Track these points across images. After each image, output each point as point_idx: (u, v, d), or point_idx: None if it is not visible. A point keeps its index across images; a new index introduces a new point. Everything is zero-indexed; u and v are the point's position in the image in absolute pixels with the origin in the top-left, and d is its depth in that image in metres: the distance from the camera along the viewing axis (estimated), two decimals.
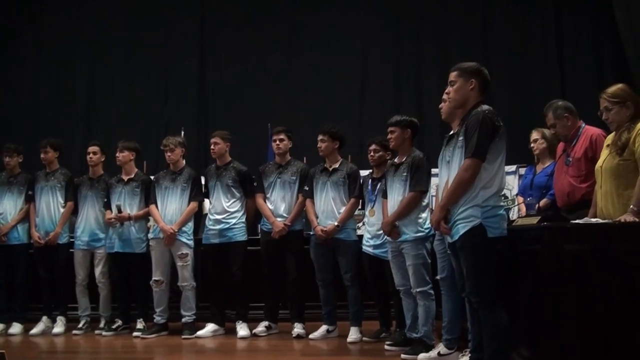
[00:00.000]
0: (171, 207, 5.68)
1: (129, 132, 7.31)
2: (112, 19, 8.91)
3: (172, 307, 5.77)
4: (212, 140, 5.75)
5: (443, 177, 3.66)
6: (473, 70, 3.57)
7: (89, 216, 5.96)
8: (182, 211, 5.66)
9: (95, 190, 6.00)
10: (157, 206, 5.73)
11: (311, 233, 5.48)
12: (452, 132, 3.72)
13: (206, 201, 5.94)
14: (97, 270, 5.89)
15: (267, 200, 5.64)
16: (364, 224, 5.39)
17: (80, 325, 5.86)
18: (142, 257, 5.76)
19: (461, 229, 3.37)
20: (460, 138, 3.47)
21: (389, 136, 4.74)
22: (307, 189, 5.50)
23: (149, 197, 5.80)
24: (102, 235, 5.91)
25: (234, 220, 5.62)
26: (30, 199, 6.11)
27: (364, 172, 5.57)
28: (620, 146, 3.61)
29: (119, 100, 8.83)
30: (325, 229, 5.27)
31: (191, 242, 5.69)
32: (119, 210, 5.73)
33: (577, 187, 4.22)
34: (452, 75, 3.60)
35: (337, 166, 5.44)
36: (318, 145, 5.42)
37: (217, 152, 5.73)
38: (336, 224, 5.25)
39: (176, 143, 5.79)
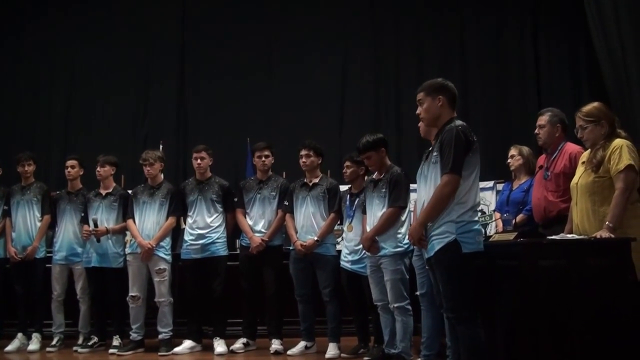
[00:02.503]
0: (149, 221, 5.64)
1: (107, 145, 7.23)
2: (91, 32, 8.82)
3: (148, 323, 5.69)
4: (198, 154, 5.70)
5: (421, 193, 3.67)
6: (438, 87, 3.58)
7: (68, 231, 5.90)
8: (160, 226, 5.62)
9: (74, 204, 5.93)
10: (134, 221, 5.67)
11: (290, 248, 5.46)
12: (430, 148, 3.74)
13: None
14: (78, 286, 5.82)
15: (246, 216, 5.63)
16: (342, 239, 5.38)
17: (53, 343, 5.76)
18: (119, 272, 5.69)
19: (436, 245, 3.36)
20: (435, 154, 3.48)
21: (367, 162, 4.74)
22: (286, 203, 5.50)
23: (126, 211, 5.75)
24: (80, 250, 5.84)
25: (216, 235, 5.61)
26: (6, 214, 6.02)
27: (343, 187, 5.57)
28: (595, 164, 3.66)
29: (97, 113, 8.72)
30: (304, 243, 5.26)
31: (169, 257, 5.64)
32: (96, 225, 5.66)
33: (553, 202, 4.25)
34: (419, 96, 3.62)
35: (317, 181, 5.44)
36: (303, 160, 5.42)
37: (204, 166, 5.71)
38: (316, 238, 5.24)
39: (155, 157, 5.74)
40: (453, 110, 3.56)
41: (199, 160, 5.69)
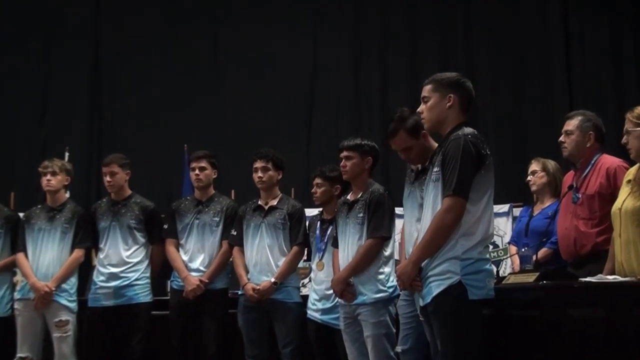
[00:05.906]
0: (47, 256, 5.58)
1: None
2: None
3: None
4: (107, 168, 5.70)
5: (410, 220, 3.67)
6: (452, 83, 3.65)
7: None
8: (62, 262, 5.57)
9: None
10: (26, 255, 5.61)
11: (239, 293, 5.43)
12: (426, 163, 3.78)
13: None
14: None
15: (180, 248, 5.61)
16: (310, 281, 5.38)
17: None
18: (2, 324, 5.61)
19: (434, 288, 3.38)
20: (436, 169, 3.52)
21: (343, 163, 4.76)
22: (234, 233, 5.49)
23: (16, 241, 5.70)
24: None
25: (135, 275, 5.58)
26: None
27: (311, 212, 5.59)
28: None
29: None
30: (258, 287, 5.22)
31: (74, 305, 5.58)
32: None
33: (586, 234, 4.30)
34: (426, 90, 3.68)
35: (275, 203, 5.44)
36: (258, 175, 5.40)
37: (116, 184, 5.69)
38: (273, 280, 5.22)
39: (62, 166, 5.73)
40: (464, 114, 3.63)
41: (108, 177, 5.68)
